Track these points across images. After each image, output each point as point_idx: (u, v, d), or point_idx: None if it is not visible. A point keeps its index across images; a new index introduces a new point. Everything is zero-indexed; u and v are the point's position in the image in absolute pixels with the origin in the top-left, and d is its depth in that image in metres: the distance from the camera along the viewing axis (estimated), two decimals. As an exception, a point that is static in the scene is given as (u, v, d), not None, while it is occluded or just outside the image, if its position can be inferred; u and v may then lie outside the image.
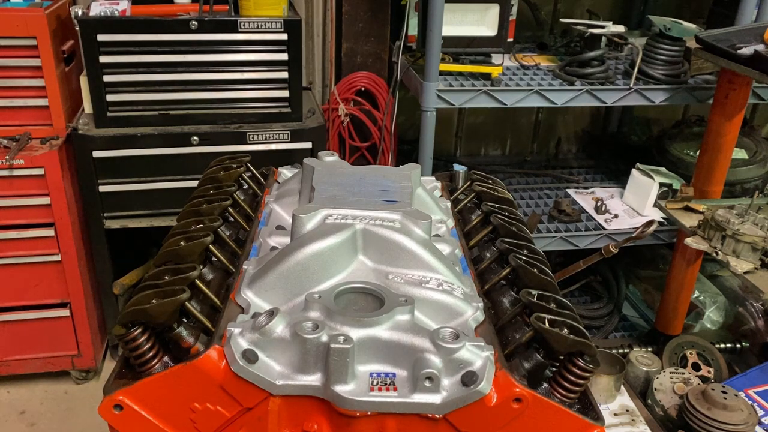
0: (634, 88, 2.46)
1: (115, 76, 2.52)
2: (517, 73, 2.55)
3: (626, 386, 2.07)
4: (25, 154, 2.41)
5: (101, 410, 0.90)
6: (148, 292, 0.93)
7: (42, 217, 2.53)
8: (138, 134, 2.57)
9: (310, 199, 1.12)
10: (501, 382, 0.87)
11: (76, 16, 2.45)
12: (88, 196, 2.63)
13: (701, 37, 2.27)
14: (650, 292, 2.99)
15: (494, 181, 1.42)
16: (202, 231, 1.08)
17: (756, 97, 2.50)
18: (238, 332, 0.88)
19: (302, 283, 0.98)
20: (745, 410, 1.83)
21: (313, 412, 0.90)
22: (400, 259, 1.01)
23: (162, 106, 2.59)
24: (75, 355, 2.81)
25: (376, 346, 0.88)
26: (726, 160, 2.38)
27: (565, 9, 3.18)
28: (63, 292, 2.67)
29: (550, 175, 3.12)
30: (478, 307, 1.00)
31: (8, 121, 2.47)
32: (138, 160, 2.59)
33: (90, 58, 2.47)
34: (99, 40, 2.44)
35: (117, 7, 2.51)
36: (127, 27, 2.46)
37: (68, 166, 2.56)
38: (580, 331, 0.91)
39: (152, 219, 2.71)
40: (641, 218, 2.65)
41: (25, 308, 2.68)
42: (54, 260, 2.60)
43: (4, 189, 2.44)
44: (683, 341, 2.40)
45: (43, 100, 2.46)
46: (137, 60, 2.50)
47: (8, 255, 2.55)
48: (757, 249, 2.02)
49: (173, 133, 2.58)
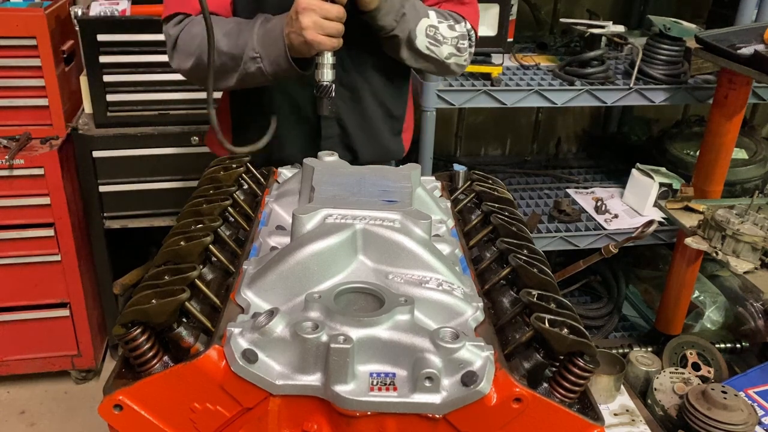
0: (634, 88, 2.46)
1: (115, 76, 2.52)
2: (517, 73, 2.55)
3: (626, 386, 2.07)
4: (24, 154, 2.41)
5: (101, 410, 0.90)
6: (148, 292, 0.93)
7: (42, 217, 2.53)
8: (138, 134, 2.57)
9: (310, 199, 1.12)
10: (501, 382, 0.87)
11: (76, 16, 2.45)
12: (88, 196, 2.63)
13: (701, 37, 2.27)
14: (650, 292, 3.00)
15: (494, 181, 1.42)
16: (202, 231, 1.08)
17: (756, 97, 2.50)
18: (238, 332, 0.88)
19: (302, 283, 0.98)
20: (745, 410, 1.83)
21: (313, 412, 0.90)
22: (400, 259, 1.01)
23: (162, 106, 2.59)
24: (75, 355, 2.81)
25: (376, 346, 0.88)
26: (726, 160, 2.38)
27: (565, 9, 3.17)
28: (63, 292, 2.68)
29: (550, 175, 3.12)
30: (478, 307, 1.00)
31: (8, 121, 2.47)
32: (138, 160, 2.59)
33: (90, 58, 2.47)
34: (99, 40, 2.44)
35: (117, 7, 2.51)
36: (127, 27, 2.46)
37: (68, 166, 2.56)
38: (580, 331, 0.91)
39: (152, 219, 2.71)
40: (641, 218, 2.65)
41: (25, 308, 2.68)
42: (54, 260, 2.60)
43: (4, 189, 2.44)
44: (683, 341, 2.40)
45: (43, 100, 2.47)
46: (137, 60, 2.50)
47: (8, 255, 2.55)
48: (757, 249, 2.02)
49: (173, 133, 2.58)
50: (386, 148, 1.81)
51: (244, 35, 1.47)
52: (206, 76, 1.51)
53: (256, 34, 1.46)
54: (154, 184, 2.65)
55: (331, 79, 1.46)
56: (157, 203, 2.68)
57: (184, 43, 1.55)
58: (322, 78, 1.45)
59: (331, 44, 1.42)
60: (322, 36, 1.39)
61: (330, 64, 1.44)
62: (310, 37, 1.38)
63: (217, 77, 1.53)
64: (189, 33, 1.54)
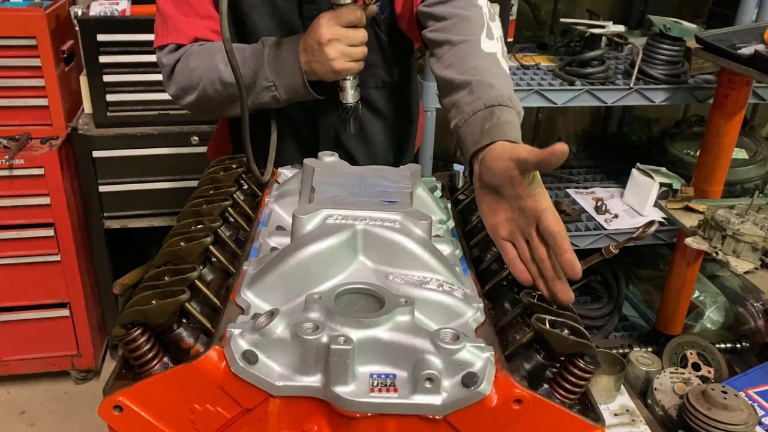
0: (634, 88, 2.46)
1: (115, 76, 2.52)
2: (517, 73, 2.55)
3: (626, 386, 2.07)
4: (24, 154, 2.41)
5: (101, 411, 0.90)
6: (147, 292, 0.93)
7: (42, 217, 2.53)
8: (138, 134, 2.57)
9: (310, 200, 1.12)
10: (501, 383, 0.87)
11: (76, 16, 2.45)
12: (88, 196, 2.63)
13: (701, 37, 2.27)
14: (650, 292, 2.99)
15: (494, 182, 1.41)
16: (202, 231, 1.08)
17: (756, 97, 2.50)
18: (238, 333, 0.88)
19: (302, 283, 0.98)
20: (745, 410, 1.83)
21: (313, 413, 0.90)
22: (400, 259, 1.01)
23: (162, 106, 2.59)
24: (75, 355, 2.81)
25: (377, 347, 0.88)
26: (726, 160, 2.38)
27: (565, 9, 3.17)
28: (63, 292, 2.68)
29: (550, 175, 3.12)
30: (479, 308, 1.00)
31: (8, 121, 2.48)
32: (138, 160, 2.59)
33: (90, 58, 2.47)
34: (99, 40, 2.44)
35: (117, 7, 2.51)
36: (127, 27, 2.46)
37: (68, 166, 2.56)
38: (580, 331, 0.91)
39: (152, 219, 2.71)
40: (641, 218, 2.65)
41: (25, 308, 2.69)
42: (54, 260, 2.60)
43: (4, 189, 2.45)
44: (683, 341, 2.39)
45: (42, 100, 2.47)
46: (137, 60, 2.50)
47: (8, 255, 2.56)
48: (757, 249, 2.02)
49: (173, 133, 2.58)
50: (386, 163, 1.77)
51: (252, 63, 1.41)
52: (209, 108, 1.49)
53: (267, 63, 1.40)
54: (154, 184, 2.65)
55: (357, 100, 1.45)
56: (157, 203, 2.68)
57: (182, 75, 1.47)
58: (347, 100, 1.44)
59: (357, 68, 1.39)
60: (350, 63, 1.37)
61: (354, 85, 1.44)
62: (338, 67, 1.35)
63: (223, 108, 1.49)
64: (187, 66, 1.46)
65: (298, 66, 1.38)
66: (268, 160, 1.48)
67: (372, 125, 1.67)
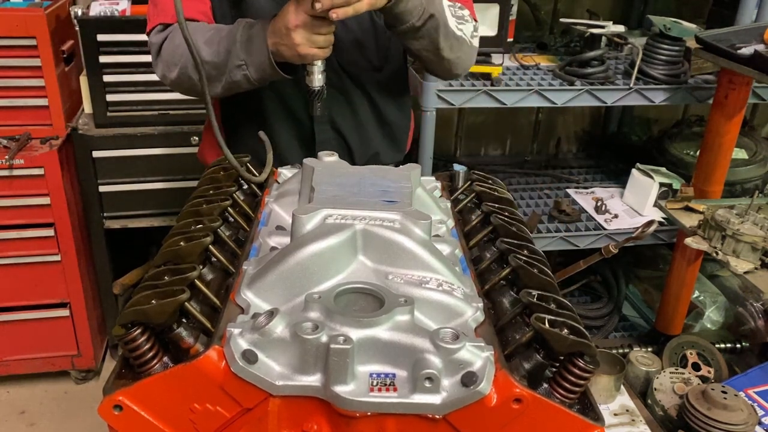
0: (634, 88, 2.46)
1: (115, 76, 2.52)
2: (517, 73, 2.55)
3: (626, 386, 2.07)
4: (24, 154, 2.41)
5: (101, 411, 0.90)
6: (147, 292, 0.93)
7: (42, 217, 2.53)
8: (138, 134, 2.57)
9: (310, 200, 1.12)
10: (501, 383, 0.87)
11: (76, 16, 2.45)
12: (88, 196, 2.63)
13: (701, 37, 2.27)
14: (650, 292, 2.99)
15: (494, 181, 1.42)
16: (202, 231, 1.08)
17: (756, 97, 2.50)
18: (237, 333, 0.88)
19: (302, 283, 0.98)
20: (745, 410, 1.83)
21: (313, 413, 0.90)
22: (400, 259, 1.01)
23: (162, 106, 2.59)
24: (75, 355, 2.81)
25: (376, 346, 0.88)
26: (726, 160, 2.38)
27: (565, 9, 3.17)
28: (63, 292, 2.68)
29: (550, 175, 3.12)
30: (478, 308, 1.00)
31: (8, 121, 2.48)
32: (138, 160, 2.59)
33: (90, 58, 2.47)
34: (99, 40, 2.44)
35: (117, 7, 2.52)
36: (127, 27, 2.46)
37: (68, 166, 2.56)
38: (580, 331, 0.91)
39: (152, 219, 2.71)
40: (641, 218, 2.65)
41: (25, 308, 2.69)
42: (54, 260, 2.61)
43: (4, 189, 2.45)
44: (683, 341, 2.39)
45: (43, 100, 2.47)
46: (137, 60, 2.50)
47: (8, 255, 2.56)
48: (757, 249, 2.02)
49: (173, 133, 2.58)
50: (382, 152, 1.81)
51: (226, 43, 1.47)
52: (191, 86, 1.53)
53: (239, 42, 1.45)
54: (154, 184, 2.65)
55: (321, 84, 1.49)
56: (157, 203, 2.68)
57: (167, 53, 1.54)
58: (313, 84, 1.49)
59: (323, 54, 1.44)
60: (314, 49, 1.41)
61: (320, 70, 1.48)
62: (303, 51, 1.41)
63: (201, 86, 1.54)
64: (172, 42, 1.53)
65: (266, 45, 1.43)
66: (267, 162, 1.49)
67: (363, 107, 1.74)
